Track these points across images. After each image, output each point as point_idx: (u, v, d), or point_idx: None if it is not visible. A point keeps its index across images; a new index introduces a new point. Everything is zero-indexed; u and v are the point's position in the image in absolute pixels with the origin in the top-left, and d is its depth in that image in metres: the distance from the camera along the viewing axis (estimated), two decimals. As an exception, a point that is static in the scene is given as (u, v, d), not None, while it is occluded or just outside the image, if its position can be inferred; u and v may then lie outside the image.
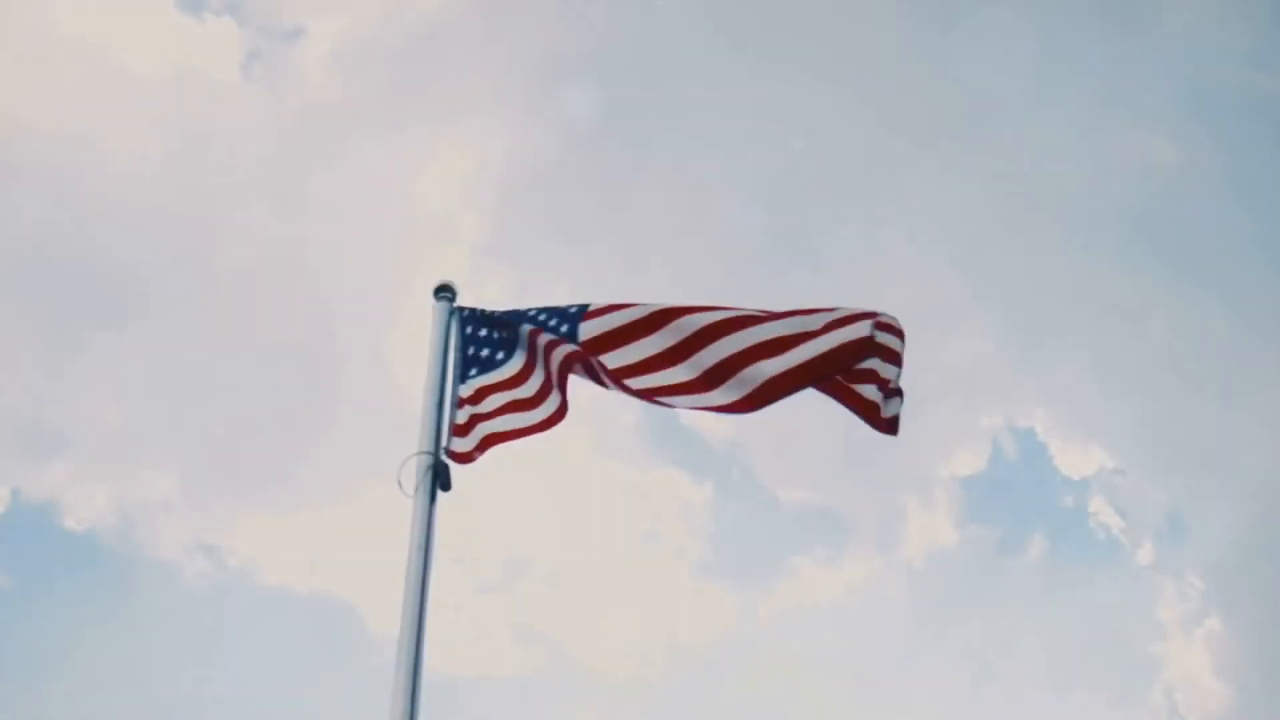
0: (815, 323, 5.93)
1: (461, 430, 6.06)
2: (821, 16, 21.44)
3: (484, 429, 6.08)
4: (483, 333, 6.31)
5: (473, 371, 6.23)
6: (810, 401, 6.13)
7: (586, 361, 6.10)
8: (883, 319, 5.86)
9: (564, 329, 6.11)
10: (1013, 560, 21.91)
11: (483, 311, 6.38)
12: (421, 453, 5.80)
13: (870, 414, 5.91)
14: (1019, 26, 20.32)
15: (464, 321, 6.33)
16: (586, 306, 6.15)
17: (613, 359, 6.03)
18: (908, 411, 5.89)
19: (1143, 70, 22.05)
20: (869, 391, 5.88)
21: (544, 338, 6.15)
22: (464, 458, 6.00)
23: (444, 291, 6.38)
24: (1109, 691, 19.64)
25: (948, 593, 21.25)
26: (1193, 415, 21.11)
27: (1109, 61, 22.01)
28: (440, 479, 5.76)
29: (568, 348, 6.09)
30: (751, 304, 6.13)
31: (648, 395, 6.02)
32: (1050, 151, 21.70)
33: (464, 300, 6.43)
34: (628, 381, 6.03)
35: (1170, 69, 21.95)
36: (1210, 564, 20.59)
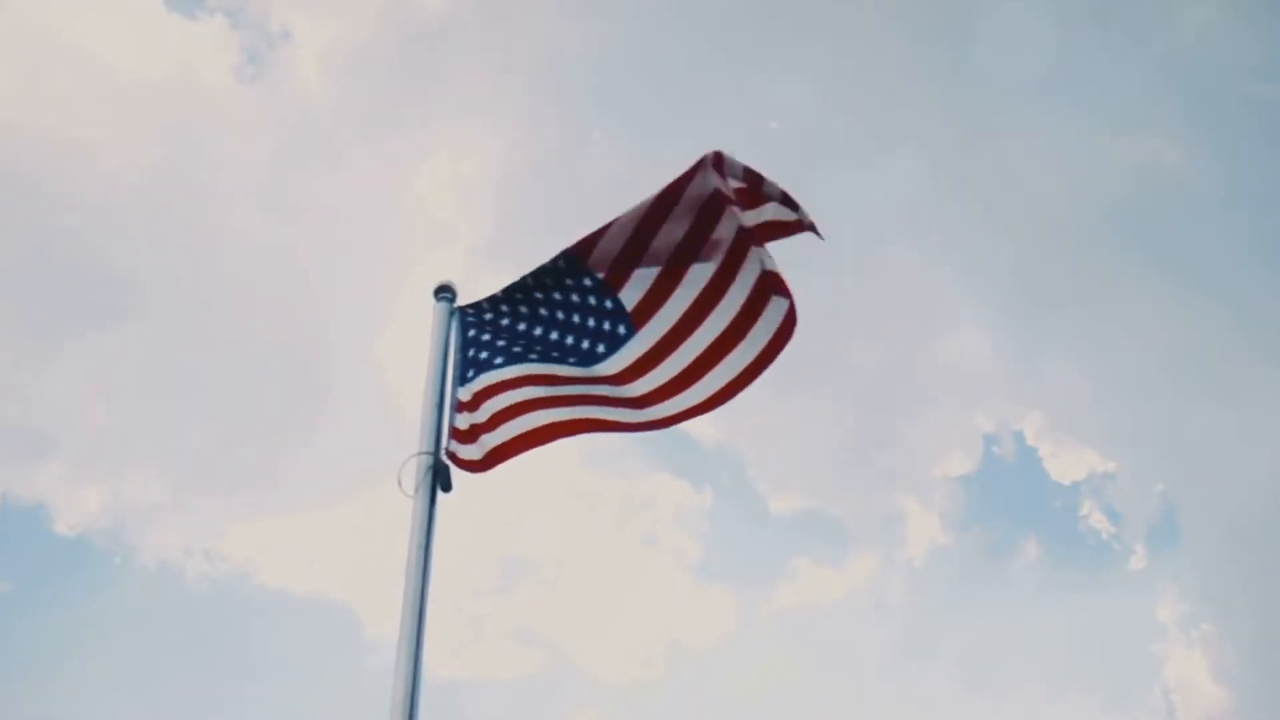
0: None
1: (461, 436, 5.99)
2: (823, 18, 21.48)
3: (487, 440, 5.98)
4: (484, 336, 6.25)
5: (470, 374, 6.17)
6: (805, 403, 6.09)
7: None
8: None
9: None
10: (1007, 563, 21.92)
11: (482, 308, 6.30)
12: (422, 453, 5.77)
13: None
14: (1022, 31, 20.37)
15: (464, 323, 6.28)
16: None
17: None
18: (904, 411, 5.86)
19: (1144, 75, 22.11)
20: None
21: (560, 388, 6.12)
22: (471, 466, 5.94)
23: (444, 292, 6.33)
24: (1105, 694, 19.66)
25: (944, 595, 21.26)
26: (1186, 418, 21.14)
27: (1111, 65, 22.07)
28: (440, 479, 5.73)
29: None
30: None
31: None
32: (1048, 153, 21.74)
33: (463, 302, 6.39)
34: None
35: (1173, 75, 22.02)
36: (1205, 566, 20.62)
